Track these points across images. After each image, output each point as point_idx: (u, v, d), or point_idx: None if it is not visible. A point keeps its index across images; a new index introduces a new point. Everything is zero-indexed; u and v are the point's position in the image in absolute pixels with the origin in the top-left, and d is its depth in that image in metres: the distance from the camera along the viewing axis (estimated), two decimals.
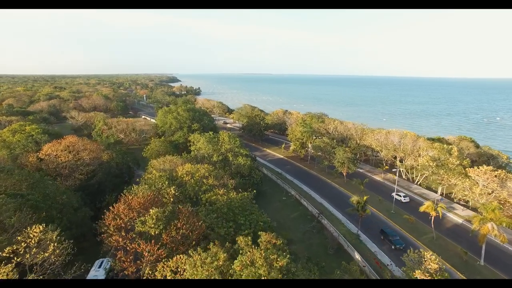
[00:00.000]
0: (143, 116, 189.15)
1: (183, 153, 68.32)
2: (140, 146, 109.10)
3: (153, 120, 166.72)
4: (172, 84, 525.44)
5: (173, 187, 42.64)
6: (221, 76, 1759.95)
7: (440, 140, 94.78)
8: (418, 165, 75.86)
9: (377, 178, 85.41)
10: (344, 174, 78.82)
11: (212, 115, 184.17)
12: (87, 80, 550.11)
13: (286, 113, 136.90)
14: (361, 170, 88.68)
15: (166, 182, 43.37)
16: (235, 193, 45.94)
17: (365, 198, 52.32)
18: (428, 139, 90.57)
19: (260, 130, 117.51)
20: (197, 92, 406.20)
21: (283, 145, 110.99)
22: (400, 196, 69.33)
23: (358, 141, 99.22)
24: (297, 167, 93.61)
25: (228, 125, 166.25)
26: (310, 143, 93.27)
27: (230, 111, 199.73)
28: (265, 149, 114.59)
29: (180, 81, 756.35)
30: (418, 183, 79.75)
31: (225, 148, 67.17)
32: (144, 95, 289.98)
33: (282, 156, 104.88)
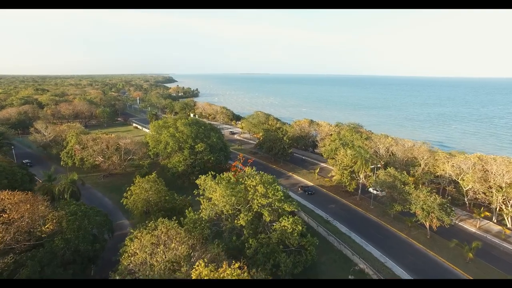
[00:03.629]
0: (134, 124, 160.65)
1: (189, 215, 40.67)
2: (125, 171, 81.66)
3: (146, 130, 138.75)
4: (168, 85, 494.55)
5: None
6: (220, 76, 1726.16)
7: None
8: None
9: (469, 227, 58.57)
10: (433, 227, 51.78)
11: (215, 122, 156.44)
12: (78, 80, 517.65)
13: (312, 123, 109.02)
14: None
15: None
16: None
17: None
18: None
19: (284, 148, 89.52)
20: (194, 94, 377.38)
21: (317, 169, 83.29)
22: (378, 191, 65.41)
23: (423, 168, 72.35)
24: (346, 208, 66.04)
25: (236, 136, 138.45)
26: (365, 171, 66.05)
27: (236, 118, 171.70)
28: (290, 173, 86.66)
29: (176, 81, 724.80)
30: None
31: (259, 204, 39.57)
32: (138, 98, 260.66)
33: (317, 186, 77.40)
